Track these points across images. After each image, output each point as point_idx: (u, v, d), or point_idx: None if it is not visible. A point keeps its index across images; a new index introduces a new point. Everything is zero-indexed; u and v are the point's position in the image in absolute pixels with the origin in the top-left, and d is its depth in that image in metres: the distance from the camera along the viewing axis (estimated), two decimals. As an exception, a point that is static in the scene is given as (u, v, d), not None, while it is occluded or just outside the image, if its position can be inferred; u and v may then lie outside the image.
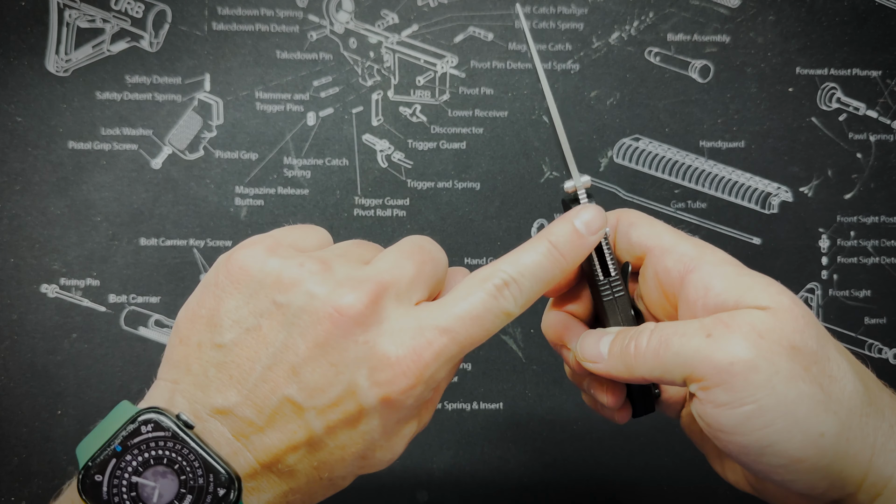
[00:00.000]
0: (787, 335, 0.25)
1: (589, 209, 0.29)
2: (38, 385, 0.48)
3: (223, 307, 0.26)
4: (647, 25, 0.51)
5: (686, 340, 0.26)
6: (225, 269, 0.26)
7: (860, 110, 0.51)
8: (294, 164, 0.49)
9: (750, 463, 0.26)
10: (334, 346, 0.25)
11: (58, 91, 0.49)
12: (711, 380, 0.25)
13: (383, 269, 0.26)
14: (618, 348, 0.28)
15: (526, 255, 0.28)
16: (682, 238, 0.29)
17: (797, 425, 0.24)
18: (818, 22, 0.51)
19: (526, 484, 0.49)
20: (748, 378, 0.24)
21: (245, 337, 0.25)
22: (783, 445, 0.24)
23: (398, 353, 0.25)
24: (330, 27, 0.50)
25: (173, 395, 0.25)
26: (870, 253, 0.51)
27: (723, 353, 0.25)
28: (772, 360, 0.24)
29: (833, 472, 0.25)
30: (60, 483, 0.47)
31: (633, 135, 0.50)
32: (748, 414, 0.24)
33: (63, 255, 0.48)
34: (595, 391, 0.32)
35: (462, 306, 0.26)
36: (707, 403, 0.25)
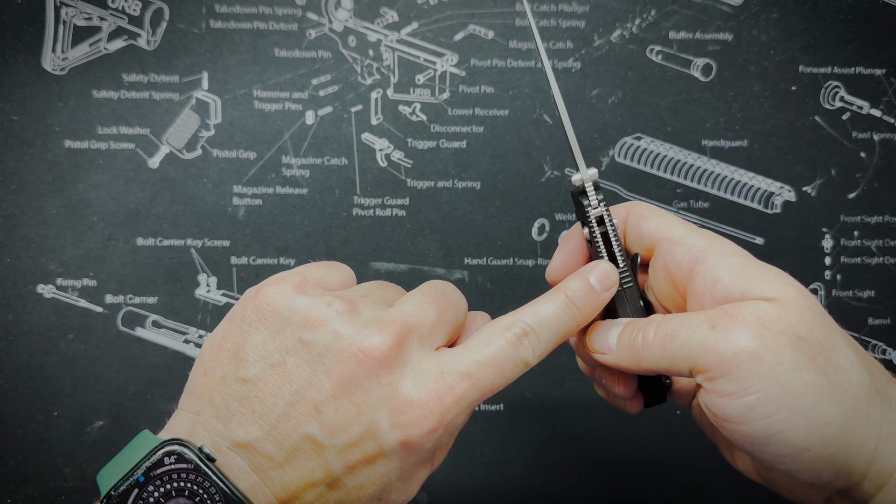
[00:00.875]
0: (793, 325, 0.25)
1: (602, 265, 0.30)
2: (33, 386, 0.48)
3: (249, 342, 0.26)
4: (649, 23, 0.50)
5: (691, 332, 0.26)
6: (253, 304, 0.27)
7: (864, 109, 0.51)
8: (292, 163, 0.49)
9: (755, 452, 0.26)
10: (358, 387, 0.25)
11: (54, 89, 0.48)
12: (716, 370, 0.25)
13: (407, 313, 0.27)
14: (626, 340, 0.29)
15: (544, 307, 0.29)
16: (691, 230, 0.30)
17: (801, 415, 0.25)
18: (821, 20, 0.51)
19: (527, 486, 0.49)
20: (752, 368, 0.25)
21: (270, 372, 0.26)
22: (787, 435, 0.25)
23: (420, 396, 0.25)
24: (329, 25, 0.50)
25: (194, 427, 0.26)
26: (874, 253, 0.51)
27: (726, 344, 0.25)
28: (776, 350, 0.25)
29: (838, 462, 0.25)
30: (56, 485, 0.47)
31: (635, 133, 0.50)
32: (752, 403, 0.25)
33: (59, 255, 0.48)
34: (607, 382, 0.32)
35: (484, 353, 0.27)
36: (712, 394, 0.26)
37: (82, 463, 0.47)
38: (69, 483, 0.47)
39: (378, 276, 0.49)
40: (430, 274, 0.49)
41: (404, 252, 0.49)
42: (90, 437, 0.48)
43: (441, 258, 0.49)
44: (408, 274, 0.49)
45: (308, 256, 0.49)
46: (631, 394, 0.32)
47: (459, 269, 0.50)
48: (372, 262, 0.49)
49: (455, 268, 0.50)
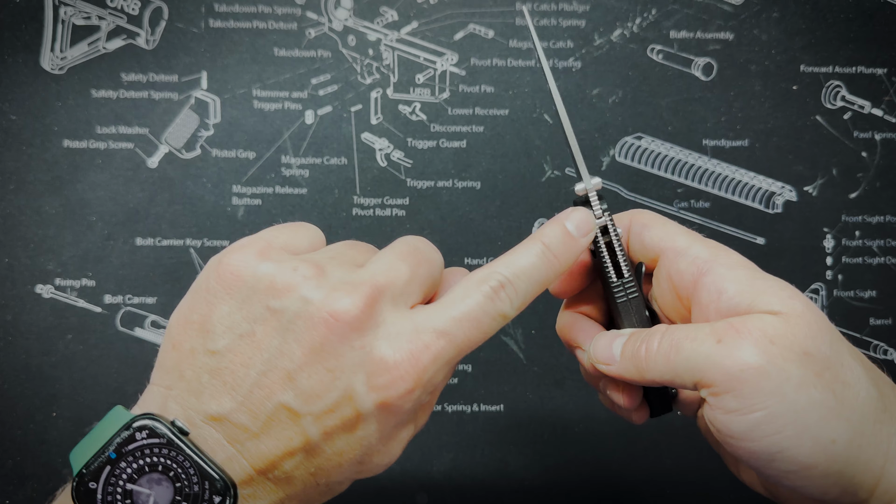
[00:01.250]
0: (799, 341, 0.25)
1: (578, 211, 0.29)
2: (32, 387, 0.48)
3: (216, 313, 0.25)
4: (650, 22, 0.50)
5: (696, 345, 0.26)
6: (216, 273, 0.26)
7: (865, 108, 0.51)
8: (292, 162, 0.49)
9: (760, 468, 0.26)
10: (330, 352, 0.25)
11: (53, 89, 0.48)
12: (721, 386, 0.25)
13: (378, 272, 0.26)
14: (629, 351, 0.28)
15: (520, 257, 0.28)
16: (695, 240, 0.29)
17: (807, 432, 0.24)
18: (823, 19, 0.51)
19: (527, 487, 0.49)
20: (758, 385, 0.24)
21: (239, 343, 0.25)
22: (793, 452, 0.24)
23: (395, 357, 0.25)
24: (328, 24, 0.50)
25: (166, 401, 0.25)
26: (875, 253, 0.51)
27: (732, 360, 0.25)
28: (782, 366, 0.24)
29: (844, 479, 0.25)
30: (55, 486, 0.47)
31: (636, 133, 0.50)
32: (758, 420, 0.24)
33: (58, 255, 0.48)
34: (611, 392, 0.32)
35: (459, 308, 0.26)
36: (717, 409, 0.25)
37: (81, 464, 0.47)
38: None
39: (378, 276, 0.49)
40: (430, 274, 0.49)
41: (404, 252, 0.49)
42: (89, 438, 0.48)
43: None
44: (408, 274, 0.49)
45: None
46: (636, 405, 0.31)
47: (459, 270, 0.50)
48: (372, 263, 0.49)
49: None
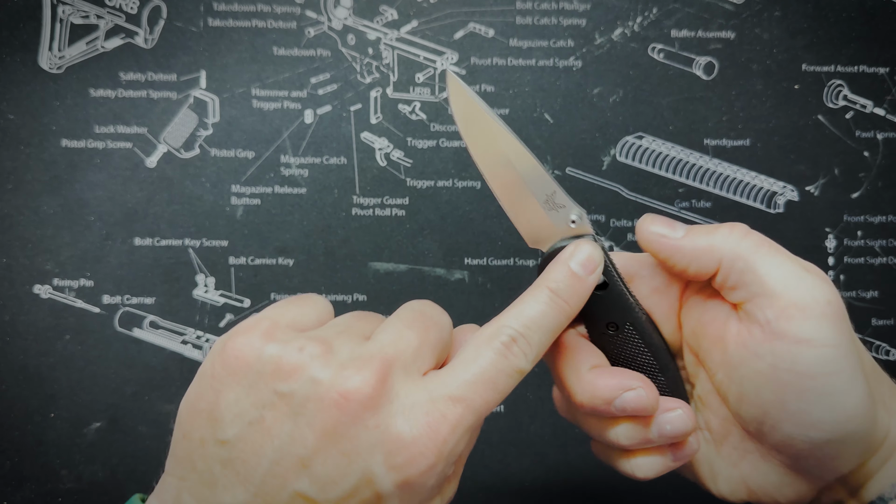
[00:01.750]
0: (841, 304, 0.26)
1: (581, 249, 0.28)
2: (30, 388, 0.47)
3: (223, 400, 0.24)
4: (651, 21, 0.50)
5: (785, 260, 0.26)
6: (220, 358, 0.25)
7: (867, 108, 0.51)
8: (291, 162, 0.49)
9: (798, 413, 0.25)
10: (344, 434, 0.23)
11: (51, 88, 0.48)
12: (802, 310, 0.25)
13: (387, 344, 0.25)
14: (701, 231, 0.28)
15: (528, 306, 0.27)
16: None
17: (857, 379, 0.25)
18: (825, 18, 0.51)
19: (527, 488, 0.49)
20: (837, 322, 0.25)
21: (248, 431, 0.24)
22: (841, 398, 0.25)
23: (413, 432, 0.24)
24: (328, 23, 0.50)
25: (181, 493, 0.25)
26: (877, 253, 0.51)
27: (823, 291, 0.25)
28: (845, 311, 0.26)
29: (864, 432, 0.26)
30: (53, 487, 0.47)
31: (637, 133, 0.50)
32: (827, 357, 0.25)
33: (56, 256, 0.48)
34: None
35: (472, 370, 0.25)
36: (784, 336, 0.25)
37: (79, 465, 0.47)
38: (66, 485, 0.47)
39: (377, 276, 0.49)
40: (430, 274, 0.49)
41: (404, 252, 0.49)
42: (87, 439, 0.48)
43: (441, 258, 0.49)
44: (407, 274, 0.49)
45: (307, 257, 0.49)
46: None
47: (459, 270, 0.50)
48: (371, 263, 0.49)
49: (455, 268, 0.50)
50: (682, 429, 0.28)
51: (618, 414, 0.28)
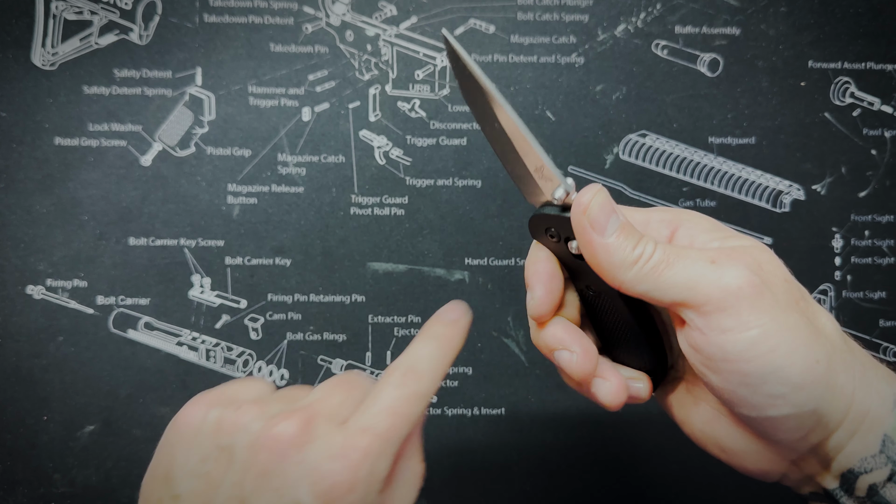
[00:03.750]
0: (781, 269, 0.27)
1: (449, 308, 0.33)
2: (22, 390, 0.48)
3: (175, 462, 0.28)
4: (655, 17, 0.50)
5: (689, 263, 0.27)
6: (173, 428, 0.29)
7: (875, 105, 0.51)
8: (288, 160, 0.49)
9: (748, 396, 0.27)
10: (275, 472, 0.27)
11: (44, 85, 0.48)
12: (715, 304, 0.26)
13: (314, 400, 0.30)
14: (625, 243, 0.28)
15: (417, 345, 0.32)
16: (649, 210, 0.31)
17: (797, 351, 0.26)
18: (831, 14, 0.51)
19: (529, 492, 0.49)
20: (754, 303, 0.26)
21: (197, 483, 0.28)
22: (786, 371, 0.26)
23: (331, 465, 0.27)
24: (326, 19, 0.50)
25: None
26: (885, 253, 0.51)
27: (730, 278, 0.26)
28: (772, 289, 0.26)
29: (823, 405, 0.26)
30: (46, 491, 0.47)
31: (640, 130, 0.50)
32: (754, 339, 0.26)
33: (49, 256, 0.48)
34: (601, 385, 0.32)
35: (376, 404, 0.30)
36: (709, 331, 0.26)
37: (72, 468, 0.47)
38: (59, 489, 0.47)
39: (376, 276, 0.49)
40: (430, 274, 0.49)
41: (403, 252, 0.49)
42: (81, 442, 0.48)
43: (441, 258, 0.49)
44: (407, 274, 0.49)
45: (304, 257, 0.49)
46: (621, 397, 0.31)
47: (460, 270, 0.50)
48: (370, 263, 0.49)
49: (455, 268, 0.50)
50: (606, 400, 0.31)
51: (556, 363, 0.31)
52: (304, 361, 0.49)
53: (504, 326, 0.49)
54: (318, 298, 0.49)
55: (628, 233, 0.28)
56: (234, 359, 0.48)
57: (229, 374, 0.48)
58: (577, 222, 0.28)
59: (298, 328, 0.49)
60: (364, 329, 0.49)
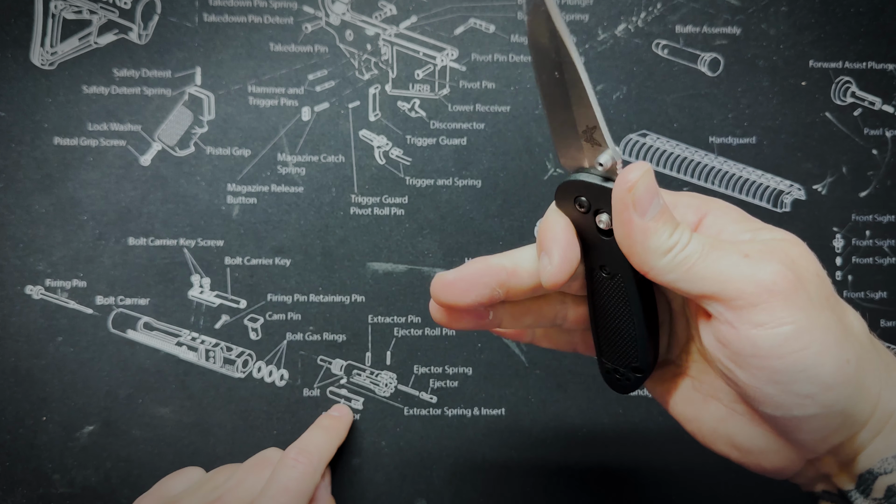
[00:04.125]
0: (814, 263, 0.27)
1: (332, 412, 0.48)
2: (21, 390, 0.48)
3: None
4: (655, 17, 0.50)
5: (723, 255, 0.26)
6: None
7: (876, 105, 0.51)
8: (288, 160, 0.49)
9: (775, 394, 0.26)
10: None
11: (43, 85, 0.49)
12: (749, 299, 0.25)
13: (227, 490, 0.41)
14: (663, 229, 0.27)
15: (309, 433, 0.45)
16: (678, 194, 0.31)
17: (829, 350, 0.25)
18: (832, 13, 0.51)
19: (529, 493, 0.49)
20: (788, 298, 0.25)
21: None
22: (817, 370, 0.25)
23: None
24: (325, 19, 0.50)
25: None
26: (886, 253, 0.51)
27: (765, 273, 0.25)
28: (806, 285, 0.25)
29: (850, 405, 0.26)
30: (45, 492, 0.47)
31: (640, 130, 0.50)
32: (787, 335, 0.25)
33: (48, 256, 0.48)
34: None
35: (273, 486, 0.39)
36: (741, 325, 0.25)
37: (72, 469, 0.47)
38: (58, 490, 0.47)
39: (376, 276, 0.49)
40: (430, 275, 0.49)
41: (403, 252, 0.49)
42: (80, 443, 0.48)
43: (441, 258, 0.49)
44: (407, 274, 0.49)
45: (304, 257, 0.49)
46: None
47: (460, 270, 0.50)
48: (370, 263, 0.49)
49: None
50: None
51: None
52: (303, 362, 0.49)
53: (504, 327, 0.49)
54: (318, 298, 0.49)
55: (667, 218, 0.27)
56: (234, 359, 0.48)
57: (229, 375, 0.48)
58: (619, 198, 0.26)
59: (298, 328, 0.49)
60: (364, 329, 0.49)
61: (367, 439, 0.49)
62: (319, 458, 0.42)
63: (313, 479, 0.41)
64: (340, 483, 0.48)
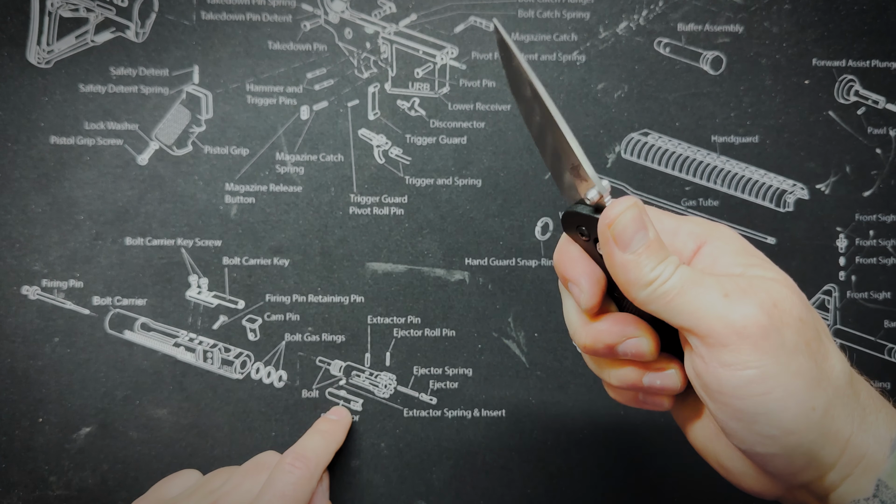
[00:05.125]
0: (798, 307, 0.27)
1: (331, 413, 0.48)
2: (18, 391, 0.48)
3: None
4: (657, 15, 0.50)
5: (702, 292, 0.27)
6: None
7: (879, 103, 0.51)
8: (287, 159, 0.49)
9: (738, 430, 0.27)
10: None
11: (39, 83, 0.48)
12: (719, 339, 0.26)
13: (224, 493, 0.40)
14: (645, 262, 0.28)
15: (306, 438, 0.45)
16: (682, 219, 0.31)
17: (793, 396, 0.26)
18: (835, 11, 0.51)
19: (530, 495, 0.49)
20: (757, 343, 0.26)
21: None
22: (778, 415, 0.26)
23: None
24: (324, 17, 0.50)
25: None
26: (890, 253, 0.51)
27: (738, 315, 0.26)
28: (781, 330, 0.26)
29: (815, 448, 0.27)
30: (42, 494, 0.47)
31: (642, 129, 0.50)
32: (750, 378, 0.26)
33: (45, 256, 0.48)
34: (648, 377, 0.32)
35: (269, 490, 0.39)
36: (710, 361, 0.27)
37: (68, 471, 0.47)
38: (55, 492, 0.47)
39: (375, 276, 0.49)
40: (430, 275, 0.49)
41: (403, 252, 0.49)
42: (77, 445, 0.48)
43: (441, 258, 0.49)
44: (406, 275, 0.49)
45: (303, 257, 0.49)
46: None
47: (460, 270, 0.50)
48: (369, 263, 0.49)
49: (455, 268, 0.50)
50: (670, 386, 0.31)
51: (620, 357, 0.31)
52: (302, 362, 0.49)
53: (504, 327, 0.49)
54: (317, 299, 0.49)
55: (652, 252, 0.28)
56: (232, 360, 0.48)
57: (226, 376, 0.48)
58: (601, 232, 0.28)
59: (297, 329, 0.49)
60: (363, 330, 0.49)
61: (367, 441, 0.49)
62: (316, 462, 0.42)
63: (310, 484, 0.41)
64: (339, 485, 0.48)
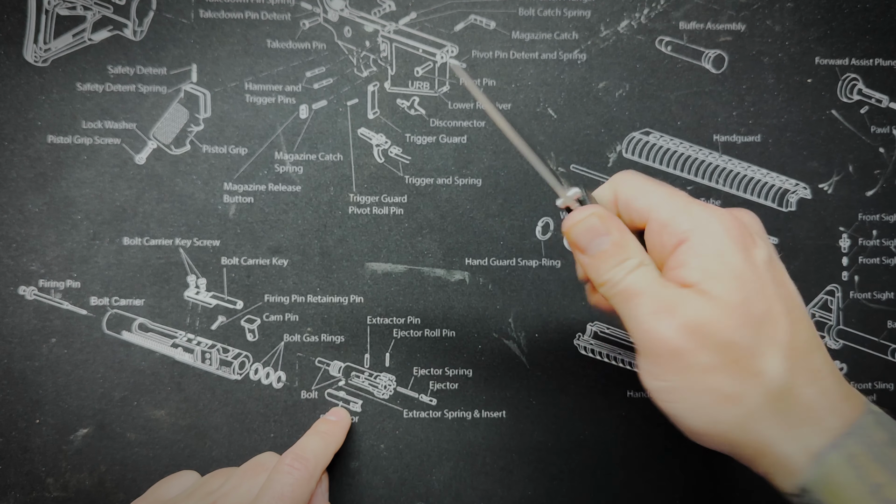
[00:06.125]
0: (728, 330, 0.29)
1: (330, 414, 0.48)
2: (14, 392, 0.48)
3: None
4: (658, 13, 0.50)
5: (641, 303, 0.30)
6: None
7: (883, 102, 0.51)
8: (285, 159, 0.49)
9: None
10: None
11: (36, 82, 0.48)
12: (641, 349, 0.30)
13: (222, 494, 0.40)
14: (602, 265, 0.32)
15: (305, 439, 0.45)
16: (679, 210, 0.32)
17: (698, 410, 0.30)
18: (839, 9, 0.51)
19: (530, 496, 0.49)
20: (668, 362, 0.29)
21: None
22: (685, 423, 0.30)
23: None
24: (324, 15, 0.50)
25: None
26: (893, 253, 0.51)
27: (656, 334, 0.30)
28: (696, 352, 0.29)
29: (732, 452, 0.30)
30: (39, 496, 0.47)
31: (644, 128, 0.50)
32: (660, 388, 0.30)
33: (41, 256, 0.48)
34: None
35: (268, 492, 0.39)
36: (639, 360, 0.31)
37: (65, 473, 0.47)
38: (52, 494, 0.47)
39: (375, 277, 0.49)
40: (430, 275, 0.49)
41: (402, 252, 0.49)
42: (74, 446, 0.48)
43: (441, 258, 0.49)
44: (406, 275, 0.49)
45: (302, 257, 0.49)
46: None
47: (460, 270, 0.50)
48: (368, 263, 0.49)
49: (455, 268, 0.50)
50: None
51: None
52: (301, 363, 0.49)
53: (505, 328, 0.49)
54: (316, 299, 0.49)
55: (609, 255, 0.31)
56: (231, 361, 0.48)
57: (225, 377, 0.48)
58: (564, 234, 0.33)
59: (296, 329, 0.49)
60: (363, 330, 0.49)
61: (366, 442, 0.49)
62: (315, 464, 0.42)
63: (309, 485, 0.41)
64: (338, 487, 0.48)
